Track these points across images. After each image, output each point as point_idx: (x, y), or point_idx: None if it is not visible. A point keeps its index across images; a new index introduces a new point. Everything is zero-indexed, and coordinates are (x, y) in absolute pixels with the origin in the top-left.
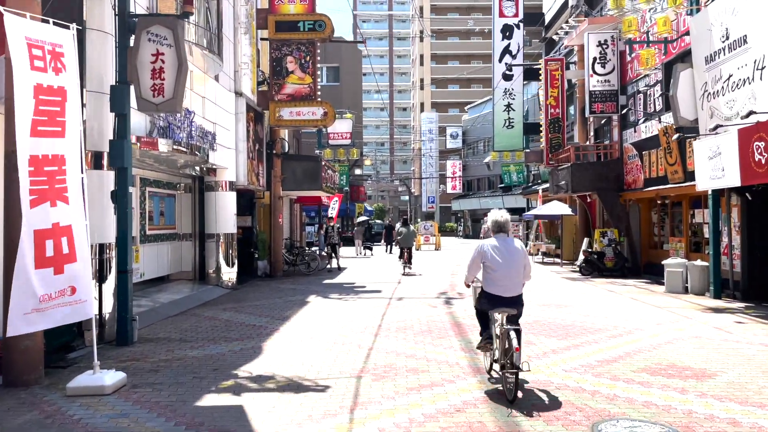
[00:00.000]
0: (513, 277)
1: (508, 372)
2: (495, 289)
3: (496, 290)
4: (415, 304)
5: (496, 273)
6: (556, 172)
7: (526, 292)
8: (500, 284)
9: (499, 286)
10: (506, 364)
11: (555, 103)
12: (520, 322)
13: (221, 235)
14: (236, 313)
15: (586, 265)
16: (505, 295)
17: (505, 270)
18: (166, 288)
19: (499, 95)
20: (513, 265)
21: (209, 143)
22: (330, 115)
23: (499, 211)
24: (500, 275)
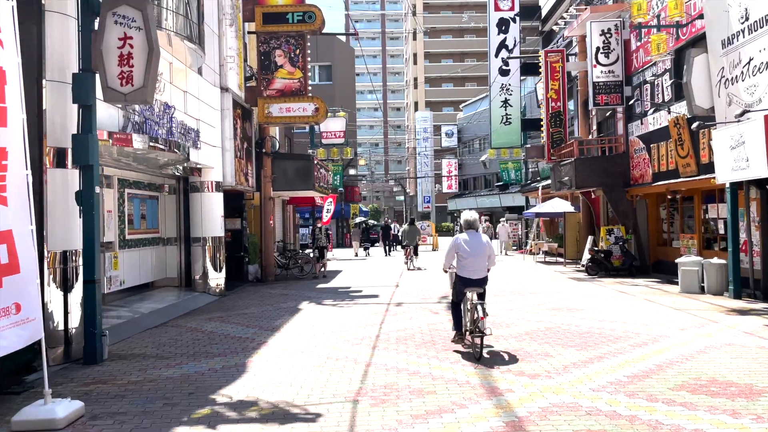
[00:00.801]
0: (479, 264)
1: (476, 336)
2: (466, 273)
3: (467, 274)
4: (415, 311)
5: (466, 260)
6: (559, 168)
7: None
8: (470, 269)
9: (469, 270)
10: (474, 330)
11: (556, 96)
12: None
13: (208, 238)
14: (222, 324)
15: (593, 264)
16: (474, 277)
17: (473, 258)
18: (149, 296)
19: (496, 91)
20: (479, 255)
21: (192, 141)
22: (322, 111)
23: (469, 212)
24: (469, 262)
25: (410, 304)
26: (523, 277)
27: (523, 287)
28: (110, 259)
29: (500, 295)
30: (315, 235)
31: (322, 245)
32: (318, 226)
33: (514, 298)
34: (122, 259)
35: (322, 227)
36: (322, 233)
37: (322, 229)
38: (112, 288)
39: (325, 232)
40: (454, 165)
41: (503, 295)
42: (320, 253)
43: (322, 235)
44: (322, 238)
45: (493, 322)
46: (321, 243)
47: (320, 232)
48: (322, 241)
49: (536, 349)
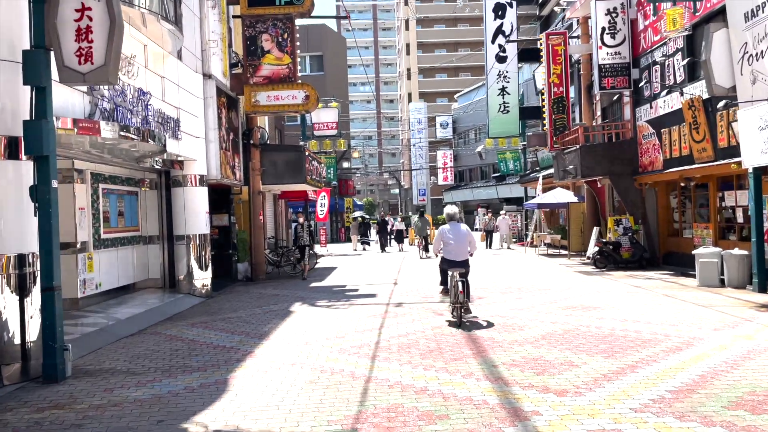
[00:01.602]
0: (460, 249)
1: (456, 307)
2: (449, 256)
3: (450, 257)
4: (417, 312)
5: (449, 246)
6: (562, 157)
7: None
8: (453, 253)
9: (452, 254)
10: (456, 303)
11: (558, 81)
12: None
13: (192, 236)
14: (205, 330)
15: (601, 257)
16: (456, 259)
17: (454, 244)
18: (128, 300)
19: (493, 79)
20: (460, 241)
21: (172, 130)
22: (312, 99)
23: (450, 206)
24: (452, 248)
25: (411, 305)
26: (528, 271)
27: (530, 283)
28: (84, 260)
29: (507, 292)
30: (297, 233)
31: (303, 244)
32: (299, 221)
33: (523, 296)
34: (98, 260)
35: (303, 223)
36: (303, 230)
37: (303, 226)
38: (86, 292)
39: (308, 229)
40: (450, 156)
41: (511, 293)
42: (301, 253)
43: (303, 233)
44: (304, 236)
45: (504, 324)
46: (303, 241)
47: (302, 228)
48: (304, 239)
49: (557, 357)
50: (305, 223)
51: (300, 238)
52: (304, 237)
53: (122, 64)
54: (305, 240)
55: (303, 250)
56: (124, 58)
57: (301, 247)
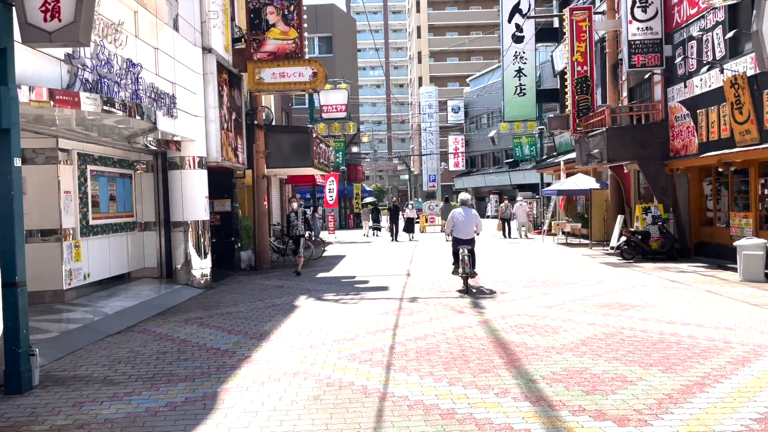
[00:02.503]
0: (468, 229)
1: (464, 277)
2: (458, 234)
3: (459, 235)
4: (434, 308)
5: (458, 225)
6: (586, 140)
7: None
8: (461, 231)
9: (460, 232)
10: (464, 273)
11: (582, 59)
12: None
13: (190, 223)
14: (199, 328)
15: (628, 247)
16: (464, 237)
17: (463, 225)
18: (120, 291)
19: (509, 60)
20: (468, 223)
21: (166, 107)
22: (320, 77)
23: (464, 193)
24: (460, 228)
25: (427, 300)
26: (549, 262)
27: (554, 276)
28: (70, 248)
29: (531, 286)
30: (289, 221)
31: (297, 234)
32: (292, 208)
33: (550, 291)
34: (86, 248)
35: (297, 210)
36: (298, 218)
37: (298, 213)
38: (73, 283)
39: (303, 216)
40: (461, 142)
41: (535, 287)
42: (296, 244)
43: (298, 221)
44: (299, 225)
45: (535, 326)
46: (297, 231)
47: (296, 216)
48: (299, 229)
49: (605, 369)
50: (299, 210)
51: (294, 227)
52: (298, 226)
53: (108, 31)
54: (299, 229)
55: (298, 241)
56: (110, 24)
57: (296, 237)
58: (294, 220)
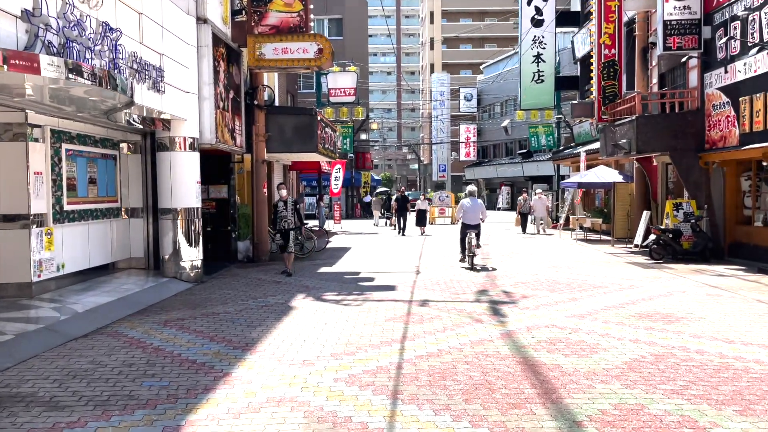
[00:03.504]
0: (474, 216)
1: (469, 257)
2: (466, 220)
3: (466, 221)
4: (448, 315)
5: (466, 213)
6: (612, 129)
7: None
8: (468, 218)
9: (467, 218)
10: (470, 253)
11: (610, 41)
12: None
13: (179, 210)
14: (179, 333)
15: (657, 246)
16: (470, 223)
17: (470, 213)
18: (99, 284)
19: (527, 45)
20: (474, 211)
21: (152, 80)
22: (326, 53)
23: (471, 185)
24: (468, 215)
25: (439, 303)
26: (571, 261)
27: (579, 277)
28: (40, 236)
29: (556, 290)
30: (276, 211)
31: (287, 227)
32: (280, 196)
33: (577, 296)
34: (60, 236)
35: (287, 199)
36: (287, 208)
37: (287, 203)
38: (43, 275)
39: (293, 206)
40: (473, 131)
41: (560, 290)
42: (284, 240)
43: (287, 212)
44: (288, 217)
45: (568, 342)
46: (287, 224)
47: (284, 206)
48: (288, 221)
49: (667, 409)
50: (288, 199)
51: (282, 219)
52: (287, 217)
53: None
54: (288, 222)
55: (287, 236)
56: None
57: (284, 232)
58: (282, 211)
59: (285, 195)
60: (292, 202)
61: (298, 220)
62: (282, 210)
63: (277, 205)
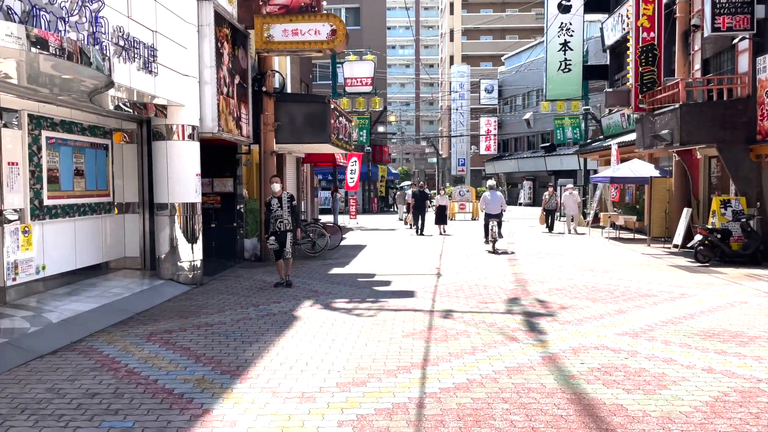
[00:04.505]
0: (496, 206)
1: (492, 242)
2: (489, 211)
3: (489, 211)
4: (476, 330)
5: (488, 205)
6: (650, 119)
7: (650, 300)
8: (490, 208)
9: (489, 208)
10: (492, 239)
11: (649, 24)
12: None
13: (177, 205)
14: (161, 350)
15: (704, 247)
16: (492, 213)
17: (492, 204)
18: (86, 288)
19: (554, 33)
20: (495, 202)
21: (142, 60)
22: (340, 35)
23: (490, 180)
24: (490, 206)
25: (465, 315)
26: (607, 264)
27: (621, 283)
28: (15, 234)
29: (598, 299)
30: (270, 210)
31: (283, 229)
32: (273, 191)
33: (624, 307)
34: (40, 234)
35: (281, 195)
36: (282, 206)
37: (282, 200)
38: (19, 278)
39: (289, 204)
40: (494, 124)
41: (602, 300)
42: (279, 243)
43: (283, 211)
44: (284, 216)
45: (626, 370)
46: (282, 225)
47: (278, 204)
48: (284, 222)
49: None
50: (283, 194)
51: (277, 219)
52: (283, 217)
53: None
54: (285, 222)
55: (283, 239)
56: None
57: (279, 234)
58: (277, 210)
59: (279, 190)
60: (288, 198)
61: (294, 221)
62: (276, 208)
63: (270, 202)
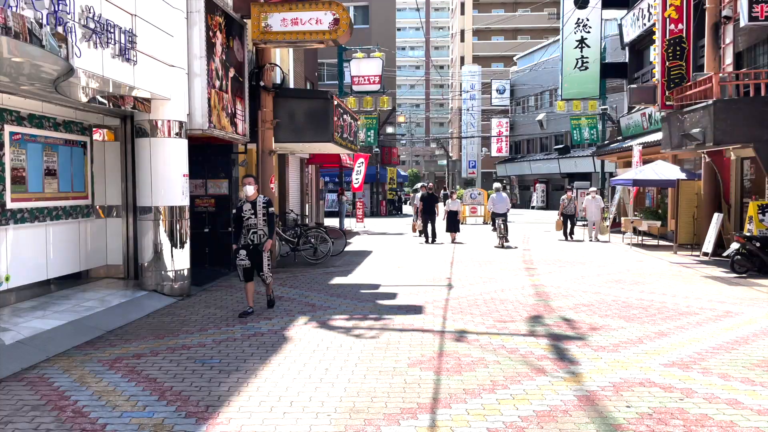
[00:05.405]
0: (502, 206)
1: (500, 237)
2: (495, 210)
3: (495, 210)
4: (495, 358)
5: (495, 205)
6: (680, 118)
7: (692, 320)
8: (497, 208)
9: (497, 208)
10: (500, 235)
11: (677, 15)
12: None
13: (162, 209)
14: (125, 380)
15: (742, 257)
16: (499, 212)
17: (498, 204)
18: (56, 301)
19: (570, 29)
20: (501, 202)
21: (118, 46)
22: (344, 25)
23: (497, 183)
24: (497, 205)
25: (481, 337)
26: (635, 274)
27: (656, 298)
28: None
29: (633, 318)
30: (240, 217)
31: (256, 242)
32: (246, 194)
33: (665, 328)
34: (2, 240)
35: (257, 200)
36: (257, 213)
37: (256, 205)
38: None
39: (264, 210)
40: (505, 125)
41: (638, 319)
42: (252, 260)
43: (257, 219)
44: (258, 226)
45: (684, 416)
46: (256, 238)
47: (251, 210)
48: (258, 233)
49: None
50: (258, 198)
51: (250, 229)
52: (257, 228)
53: None
54: (260, 235)
55: (257, 256)
56: None
57: (252, 249)
58: (250, 217)
59: (253, 193)
60: (264, 204)
61: (270, 231)
62: (249, 215)
63: (242, 207)
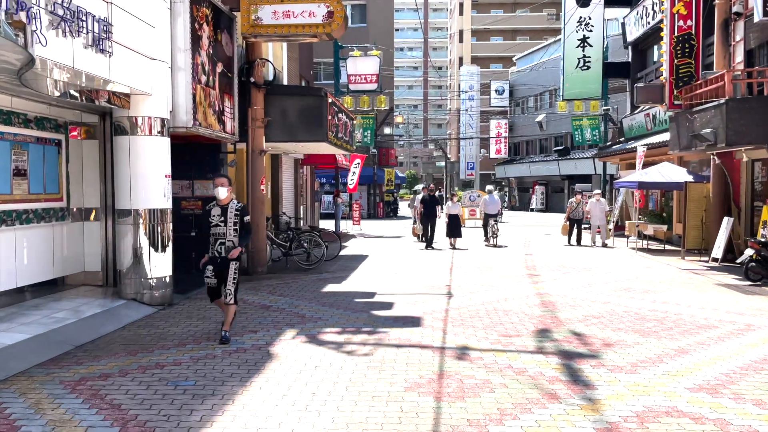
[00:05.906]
0: (493, 207)
1: (493, 238)
2: (488, 211)
3: (488, 211)
4: (501, 380)
5: (487, 206)
6: (689, 117)
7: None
8: (489, 209)
9: (489, 210)
10: (492, 235)
11: (686, 11)
12: None
13: (142, 212)
14: (82, 407)
15: (756, 264)
16: (491, 213)
17: (490, 205)
18: (24, 312)
19: (571, 28)
20: (493, 203)
21: (91, 36)
22: (338, 18)
23: (490, 185)
24: (489, 207)
25: (485, 354)
26: (644, 282)
27: (670, 308)
28: None
29: (647, 332)
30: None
31: (224, 255)
32: (219, 199)
33: (684, 344)
34: None
35: (229, 205)
36: (227, 218)
37: (228, 210)
38: None
39: (235, 218)
40: (504, 127)
41: (654, 333)
42: (218, 276)
43: (226, 228)
44: (227, 236)
45: None
46: (224, 249)
47: (223, 219)
48: (226, 244)
49: None
50: (232, 204)
51: (217, 239)
52: (226, 238)
53: None
54: (228, 246)
55: (222, 271)
56: None
57: (219, 262)
58: (218, 224)
59: (225, 197)
60: (236, 211)
61: (242, 238)
62: (217, 221)
63: (210, 211)
